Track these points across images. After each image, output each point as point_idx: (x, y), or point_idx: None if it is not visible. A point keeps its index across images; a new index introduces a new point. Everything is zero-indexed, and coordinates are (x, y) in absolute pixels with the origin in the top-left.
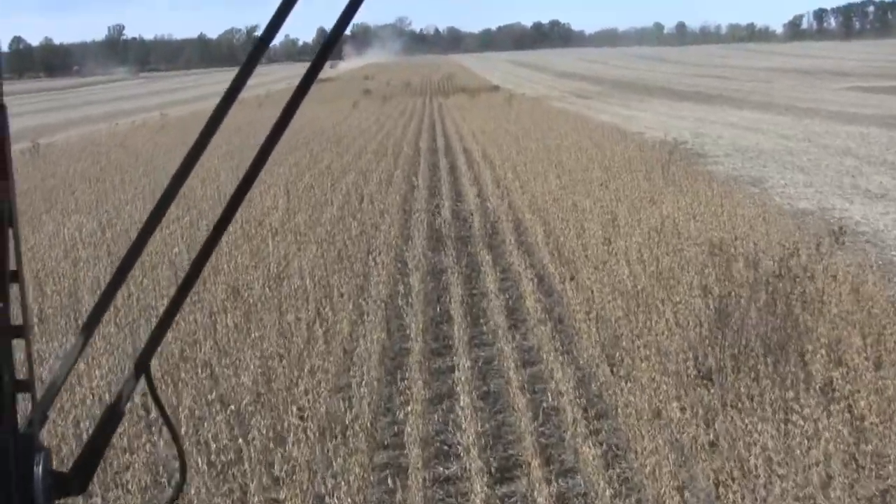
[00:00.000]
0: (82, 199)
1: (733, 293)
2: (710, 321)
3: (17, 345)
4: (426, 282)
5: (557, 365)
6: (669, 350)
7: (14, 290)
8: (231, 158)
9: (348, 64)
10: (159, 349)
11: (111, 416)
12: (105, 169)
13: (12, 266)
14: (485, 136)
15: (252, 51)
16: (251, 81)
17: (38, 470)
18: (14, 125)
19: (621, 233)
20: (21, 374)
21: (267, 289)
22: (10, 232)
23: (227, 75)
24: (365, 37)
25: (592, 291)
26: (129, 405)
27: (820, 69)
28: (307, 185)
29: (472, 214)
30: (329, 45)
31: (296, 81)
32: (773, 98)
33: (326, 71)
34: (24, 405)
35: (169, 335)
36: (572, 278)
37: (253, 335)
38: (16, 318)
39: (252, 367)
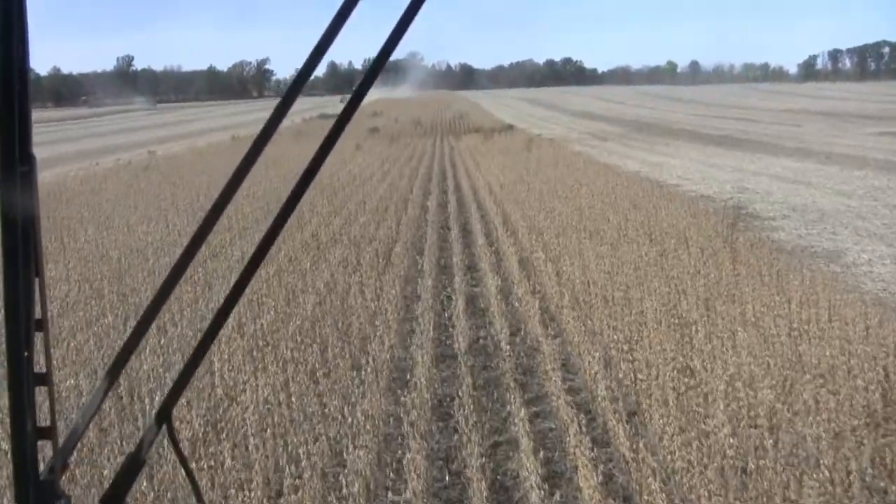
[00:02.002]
0: None
1: None
2: None
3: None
4: (429, 440)
5: None
6: None
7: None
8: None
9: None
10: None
11: (132, 464)
12: (51, 228)
13: (38, 315)
14: (503, 191)
15: (291, 85)
16: (245, 118)
17: None
18: None
19: (699, 350)
20: (42, 420)
21: (191, 461)
22: (37, 281)
23: (241, 107)
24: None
25: (672, 454)
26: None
27: (845, 112)
28: (281, 266)
29: (494, 319)
30: (370, 78)
31: (299, 118)
32: (808, 144)
33: (336, 106)
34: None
35: None
36: (634, 416)
37: None
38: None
39: None
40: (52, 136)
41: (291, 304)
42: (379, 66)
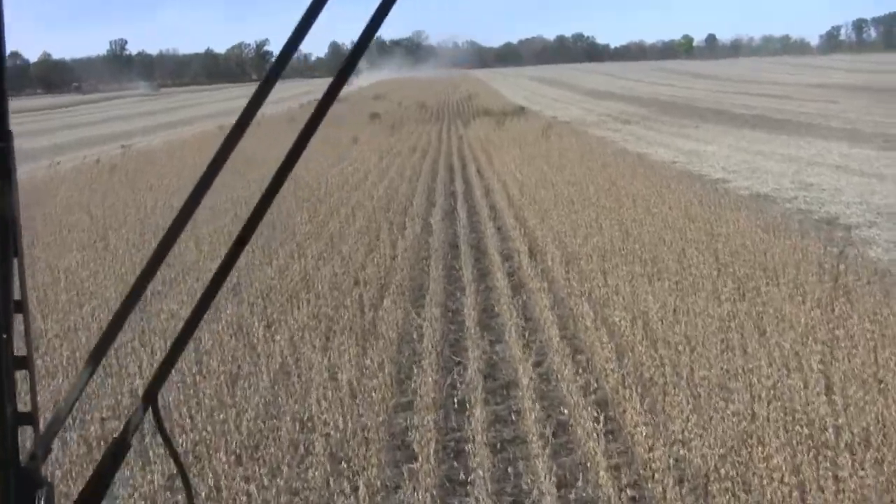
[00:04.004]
0: None
1: None
2: None
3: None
4: None
5: None
6: None
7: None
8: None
9: (363, 80)
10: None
11: (117, 449)
12: None
13: (17, 296)
14: (523, 197)
15: (269, 71)
16: (241, 103)
17: None
18: None
19: (855, 497)
20: (23, 405)
21: None
22: (15, 262)
23: (239, 91)
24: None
25: None
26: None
27: (882, 86)
28: (222, 334)
29: (525, 413)
30: (353, 61)
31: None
32: (857, 124)
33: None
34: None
35: None
36: None
37: None
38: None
39: None
40: (32, 127)
41: (228, 403)
42: (361, 49)
